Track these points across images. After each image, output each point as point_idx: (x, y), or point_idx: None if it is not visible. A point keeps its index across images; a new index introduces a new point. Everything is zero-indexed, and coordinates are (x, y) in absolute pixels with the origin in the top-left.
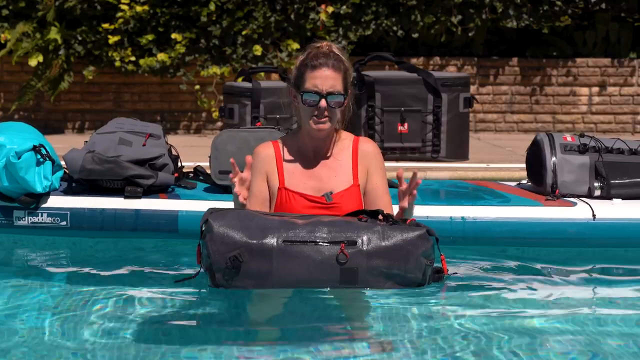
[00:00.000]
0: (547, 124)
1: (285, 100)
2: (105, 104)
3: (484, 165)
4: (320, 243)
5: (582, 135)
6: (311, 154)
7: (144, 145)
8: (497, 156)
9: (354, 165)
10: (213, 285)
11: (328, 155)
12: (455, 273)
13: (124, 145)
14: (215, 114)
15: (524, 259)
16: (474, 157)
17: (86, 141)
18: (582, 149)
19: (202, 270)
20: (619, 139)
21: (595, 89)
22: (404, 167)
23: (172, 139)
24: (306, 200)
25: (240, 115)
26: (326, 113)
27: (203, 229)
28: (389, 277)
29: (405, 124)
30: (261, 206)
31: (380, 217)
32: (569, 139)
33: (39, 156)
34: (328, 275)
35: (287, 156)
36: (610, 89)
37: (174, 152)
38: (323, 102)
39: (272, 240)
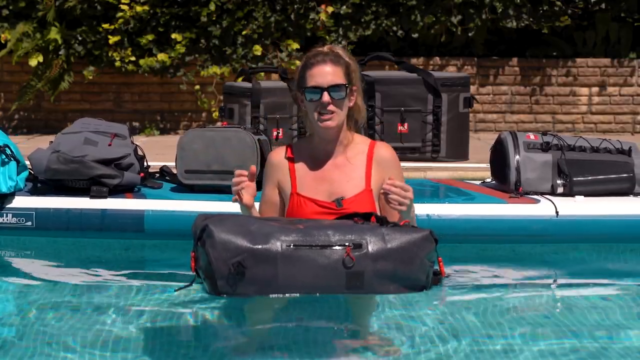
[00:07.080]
0: (547, 124)
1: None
2: (105, 104)
3: (484, 165)
4: (326, 247)
5: (545, 134)
6: (323, 158)
7: (109, 145)
8: None
9: (368, 170)
10: (214, 293)
11: (341, 158)
12: (449, 275)
13: (90, 145)
14: (215, 114)
15: (519, 259)
16: (474, 157)
17: (51, 141)
18: (545, 147)
19: (198, 277)
20: (581, 137)
21: (595, 89)
22: (404, 167)
23: (172, 139)
24: (316, 206)
25: (240, 115)
26: (330, 108)
27: (202, 235)
28: (395, 280)
29: (405, 124)
30: (272, 213)
31: (372, 219)
32: (532, 137)
33: (3, 156)
34: (334, 279)
35: (299, 161)
36: (610, 89)
37: (139, 152)
38: (325, 96)
39: (276, 245)
